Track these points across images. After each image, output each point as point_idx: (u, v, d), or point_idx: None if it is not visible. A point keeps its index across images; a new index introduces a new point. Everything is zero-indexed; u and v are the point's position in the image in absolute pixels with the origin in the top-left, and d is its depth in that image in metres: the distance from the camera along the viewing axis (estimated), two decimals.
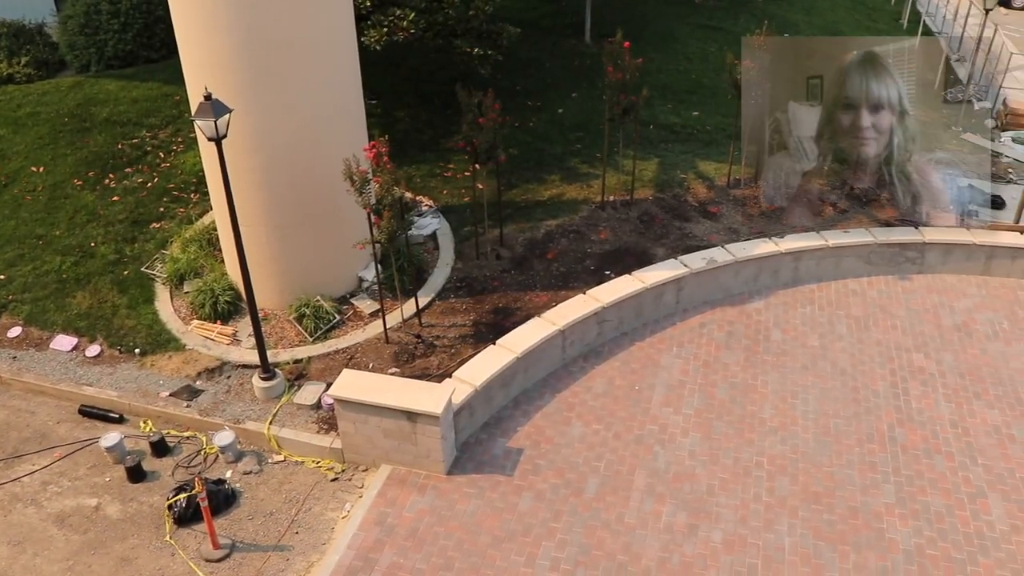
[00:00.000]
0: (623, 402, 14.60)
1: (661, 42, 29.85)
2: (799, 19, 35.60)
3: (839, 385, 15.26)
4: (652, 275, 16.27)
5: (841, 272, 18.16)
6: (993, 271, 18.72)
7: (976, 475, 13.59)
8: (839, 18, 37.23)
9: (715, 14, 34.13)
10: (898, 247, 18.27)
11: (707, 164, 21.62)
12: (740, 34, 27.08)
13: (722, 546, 12.18)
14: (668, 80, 26.74)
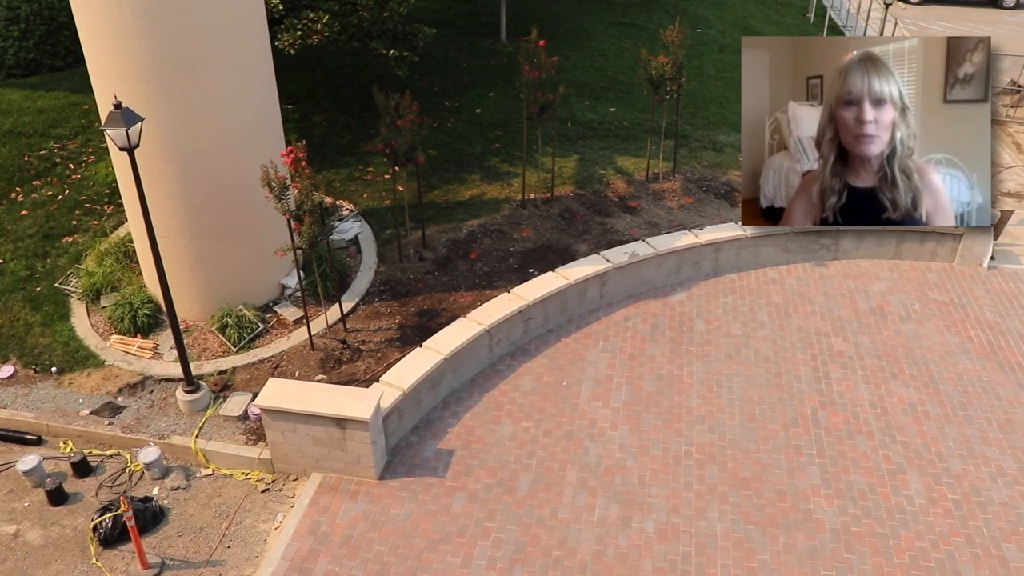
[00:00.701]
0: (552, 398, 14.72)
1: (576, 40, 30.09)
2: (710, 14, 36.22)
3: (763, 372, 15.62)
4: (575, 271, 16.43)
5: (760, 261, 18.58)
6: (903, 255, 19.36)
7: (895, 452, 14.05)
8: (748, 12, 37.97)
9: (628, 11, 34.52)
10: (814, 235, 18.75)
11: (625, 159, 21.90)
12: (654, 30, 27.55)
13: (656, 536, 12.37)
14: (584, 77, 26.99)
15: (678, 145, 21.86)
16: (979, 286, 18.72)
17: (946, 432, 14.54)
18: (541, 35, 17.97)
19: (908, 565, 12.13)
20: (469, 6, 32.31)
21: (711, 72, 29.44)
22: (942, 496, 13.28)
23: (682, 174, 21.39)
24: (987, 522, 12.88)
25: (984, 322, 17.46)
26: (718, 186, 21.19)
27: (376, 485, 13.03)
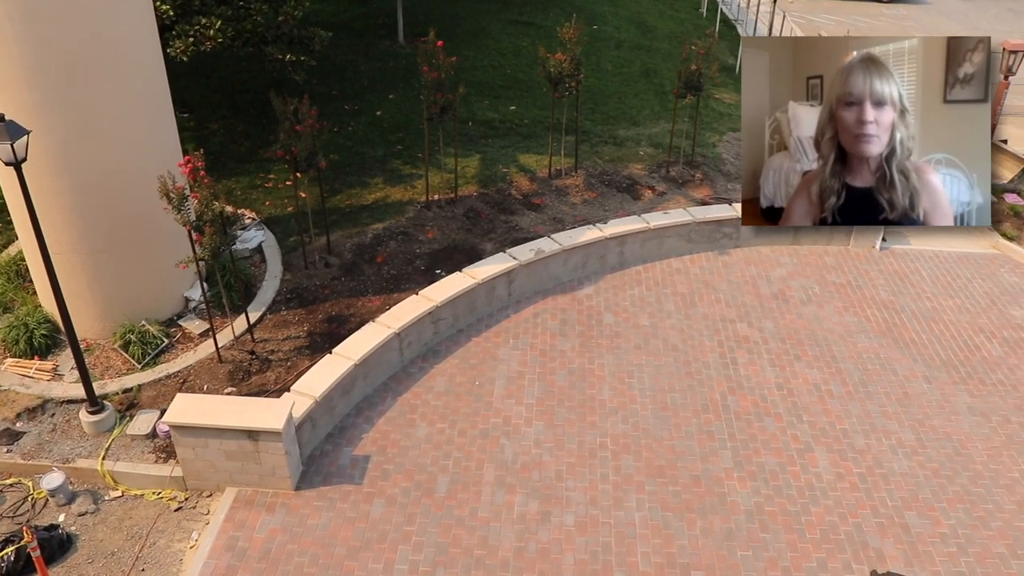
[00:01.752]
0: (465, 398, 14.74)
1: (474, 39, 30.15)
2: (606, 11, 36.66)
3: (672, 361, 15.91)
4: (483, 270, 16.47)
5: (664, 252, 18.92)
6: (801, 240, 19.98)
7: (803, 432, 14.48)
8: (643, 8, 38.55)
9: (525, 9, 34.72)
10: (715, 224, 19.21)
11: (528, 157, 22.04)
12: (551, 28, 27.76)
13: (576, 529, 12.49)
14: (483, 77, 27.06)
15: (579, 141, 22.10)
16: (873, 267, 19.44)
17: (849, 409, 15.05)
18: (439, 35, 17.96)
19: (819, 539, 12.51)
20: (365, 8, 32.08)
21: (609, 68, 29.82)
22: (848, 471, 13.75)
23: (584, 169, 21.63)
24: (890, 492, 13.39)
25: (879, 301, 18.13)
26: (620, 180, 21.49)
27: (292, 496, 12.85)
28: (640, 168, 22.35)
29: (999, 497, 13.45)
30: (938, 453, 14.23)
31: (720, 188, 21.97)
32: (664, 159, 22.80)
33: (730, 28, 37.91)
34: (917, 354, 16.59)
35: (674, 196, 21.09)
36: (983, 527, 12.91)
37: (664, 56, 31.75)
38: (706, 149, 24.14)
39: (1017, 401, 15.52)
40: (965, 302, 18.38)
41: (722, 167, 23.33)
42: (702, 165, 22.94)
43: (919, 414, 15.06)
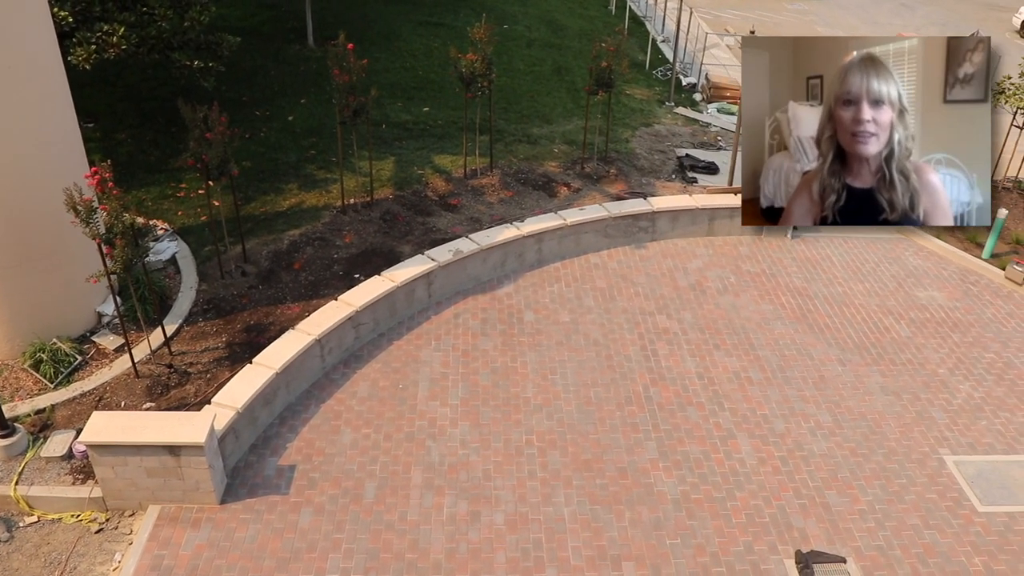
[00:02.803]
0: (389, 402, 14.66)
1: (385, 41, 30.03)
2: (516, 10, 36.86)
3: (594, 355, 16.06)
4: (402, 273, 16.41)
5: (582, 248, 19.10)
6: (716, 231, 20.37)
7: (725, 419, 14.76)
8: (553, 7, 38.86)
9: (435, 10, 34.70)
10: (631, 218, 19.47)
11: (443, 158, 22.03)
12: (461, 28, 27.78)
13: (506, 527, 12.53)
14: (396, 78, 26.97)
15: (493, 140, 22.17)
16: (786, 255, 19.93)
17: (768, 395, 15.40)
18: (349, 38, 17.82)
19: (745, 524, 12.78)
20: (273, 12, 31.68)
21: (520, 67, 29.99)
22: (770, 455, 14.07)
23: (499, 168, 21.71)
24: (811, 473, 13.74)
25: (793, 288, 18.60)
26: (535, 178, 21.62)
27: (218, 510, 12.62)
28: (555, 165, 22.52)
29: (912, 471, 13.93)
30: (854, 433, 14.67)
31: (635, 183, 22.26)
32: (578, 156, 23.02)
33: (639, 25, 38.45)
34: (831, 338, 17.06)
35: (590, 192, 21.31)
36: (898, 501, 13.36)
37: (575, 54, 32.04)
38: (619, 145, 24.44)
39: (925, 379, 16.09)
40: (874, 286, 18.97)
41: (636, 162, 23.65)
42: (616, 161, 23.21)
43: (835, 396, 15.50)
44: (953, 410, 15.36)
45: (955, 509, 13.31)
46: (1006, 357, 16.87)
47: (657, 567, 12.01)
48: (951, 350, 16.97)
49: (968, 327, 17.76)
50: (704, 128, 27.33)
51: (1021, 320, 18.13)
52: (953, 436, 14.76)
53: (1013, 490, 13.73)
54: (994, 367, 16.56)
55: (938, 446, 14.52)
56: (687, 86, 31.20)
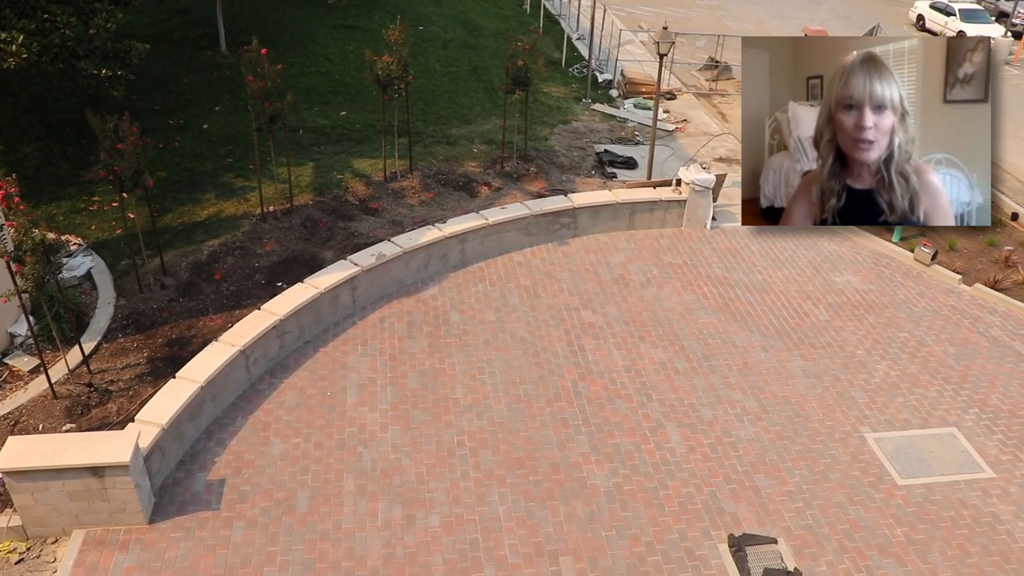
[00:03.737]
0: (318, 410, 14.51)
1: (299, 45, 29.69)
2: (431, 11, 36.79)
3: (521, 353, 16.12)
4: (325, 279, 16.25)
5: (505, 247, 19.16)
6: (637, 225, 20.62)
7: (653, 410, 14.95)
8: (468, 7, 38.89)
9: (349, 13, 34.45)
10: (553, 215, 19.59)
11: (362, 162, 21.89)
12: (376, 31, 27.63)
13: (442, 529, 12.50)
14: (312, 83, 26.70)
15: (412, 142, 22.10)
16: (706, 246, 20.27)
17: (695, 384, 15.65)
18: (263, 43, 17.58)
19: (678, 511, 12.96)
20: (183, 18, 31.08)
21: (437, 68, 29.94)
22: (699, 443, 14.29)
23: (419, 170, 21.65)
24: (739, 459, 14.01)
25: (714, 278, 18.92)
26: (456, 178, 21.62)
27: (147, 530, 12.33)
28: (475, 166, 22.54)
29: (835, 451, 14.31)
30: (779, 416, 14.99)
31: (555, 180, 22.41)
32: (498, 155, 23.08)
33: (554, 23, 38.69)
34: (753, 325, 17.41)
35: (511, 191, 21.39)
36: (824, 480, 13.70)
37: (491, 54, 32.11)
38: (538, 143, 24.58)
39: (844, 360, 16.53)
40: (792, 272, 19.42)
41: (555, 159, 23.81)
42: (536, 159, 23.33)
43: (759, 382, 15.82)
44: (872, 389, 15.82)
45: (877, 484, 13.72)
46: (918, 336, 17.44)
47: (594, 560, 12.12)
48: (867, 331, 17.47)
49: (882, 308, 18.31)
50: (621, 124, 27.63)
51: (931, 300, 18.75)
52: (872, 414, 15.20)
53: (929, 462, 14.22)
54: (908, 346, 17.10)
55: (859, 425, 14.94)
56: (603, 83, 31.50)
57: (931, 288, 19.27)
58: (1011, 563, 12.54)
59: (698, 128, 28.09)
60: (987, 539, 12.91)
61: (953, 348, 17.17)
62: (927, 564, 12.41)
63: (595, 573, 11.93)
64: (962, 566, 12.43)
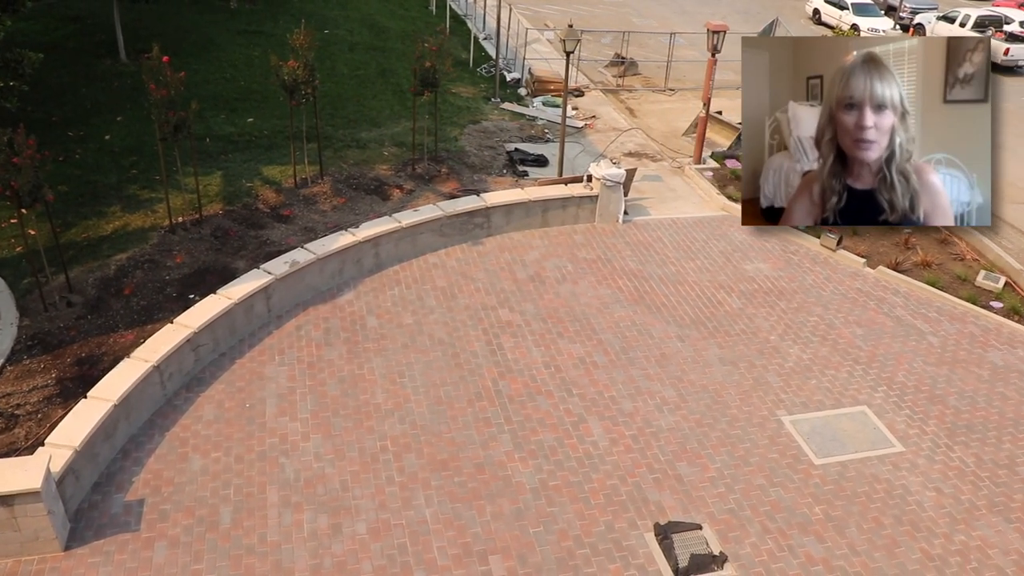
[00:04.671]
0: (237, 423, 14.25)
1: (203, 52, 29.13)
2: (336, 14, 36.45)
3: (440, 355, 16.09)
4: (238, 289, 15.97)
5: (420, 249, 19.09)
6: (550, 222, 20.76)
7: (574, 405, 15.07)
8: (374, 10, 38.65)
9: (253, 18, 33.93)
10: (466, 215, 19.59)
11: (272, 169, 21.57)
12: (281, 35, 27.22)
13: (369, 536, 12.40)
14: (217, 90, 26.21)
15: (322, 147, 21.87)
16: (619, 240, 20.53)
17: (614, 377, 15.83)
18: (164, 51, 17.18)
19: (604, 504, 13.10)
20: (78, 25, 30.21)
21: (344, 71, 29.68)
22: (621, 435, 14.47)
23: (330, 175, 21.45)
24: (661, 448, 14.22)
25: (629, 272, 19.18)
26: (367, 182, 21.47)
27: (63, 558, 11.93)
28: (386, 168, 22.43)
29: (754, 435, 14.64)
30: (698, 404, 15.27)
31: (467, 180, 22.43)
32: (409, 157, 23.00)
33: (460, 23, 38.68)
34: (668, 316, 17.69)
35: (423, 193, 21.33)
36: (744, 464, 14.02)
37: (399, 55, 31.97)
38: (449, 143, 24.57)
39: (758, 346, 16.92)
40: (704, 262, 19.79)
41: (466, 159, 23.83)
42: (447, 159, 23.32)
43: (677, 371, 16.09)
44: (786, 373, 16.23)
45: (795, 465, 14.09)
46: (828, 319, 17.95)
47: (523, 557, 12.17)
48: (779, 317, 17.92)
49: (792, 294, 18.79)
50: (531, 122, 27.79)
51: (838, 284, 19.33)
52: (788, 397, 15.60)
53: (843, 441, 14.67)
54: (818, 329, 17.59)
55: (775, 408, 15.32)
56: (511, 81, 31.63)
57: (838, 272, 19.86)
58: (920, 531, 13.04)
59: (607, 124, 28.41)
60: (899, 510, 13.39)
61: (861, 329, 17.73)
62: (845, 539, 12.80)
63: (525, 570, 11.98)
64: (877, 538, 12.86)
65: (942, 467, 14.32)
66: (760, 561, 12.38)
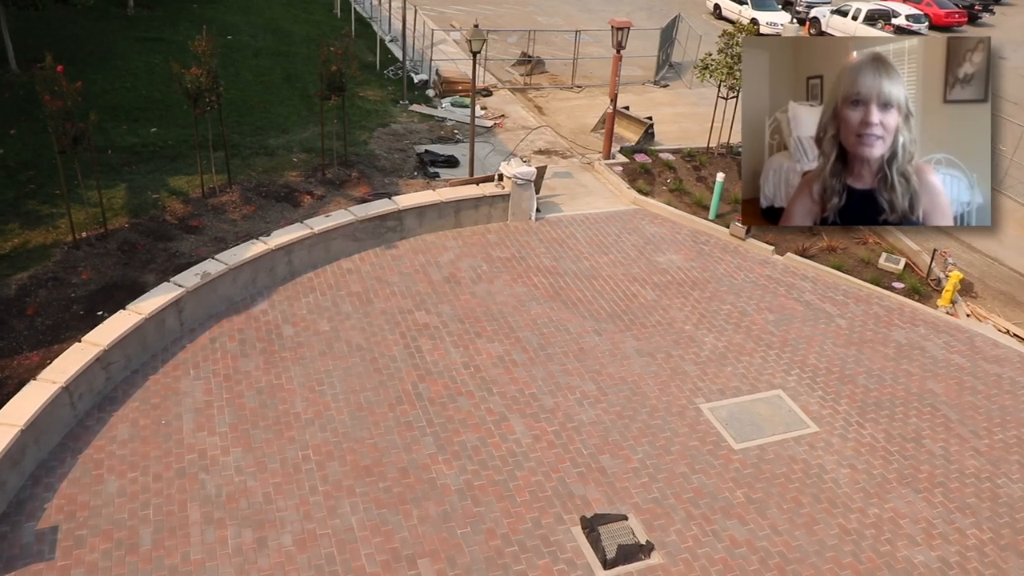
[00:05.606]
0: (154, 441, 13.91)
1: (101, 61, 28.35)
2: (238, 20, 35.87)
3: (359, 360, 15.96)
4: (148, 304, 15.58)
5: (333, 255, 18.91)
6: (463, 222, 20.77)
7: (495, 404, 15.12)
8: (277, 14, 38.14)
9: (152, 25, 33.16)
10: (378, 219, 19.48)
11: (178, 179, 21.11)
12: (182, 42, 26.63)
13: (295, 548, 12.23)
14: (117, 100, 25.53)
15: (229, 156, 21.47)
16: (533, 238, 20.65)
17: (534, 374, 15.92)
18: (58, 60, 16.63)
19: (530, 501, 13.17)
20: None
21: (249, 78, 29.21)
22: (543, 431, 14.56)
23: (239, 184, 21.07)
24: (584, 442, 14.36)
25: (544, 268, 19.30)
26: (277, 189, 21.17)
27: None
28: (296, 175, 22.15)
29: (674, 424, 14.90)
30: (618, 397, 15.47)
31: (378, 183, 22.30)
32: (318, 163, 22.75)
33: (366, 26, 38.42)
34: (585, 311, 17.87)
35: (334, 198, 21.12)
36: (666, 453, 14.25)
37: (304, 60, 31.60)
38: (358, 147, 24.38)
39: (674, 337, 17.21)
40: (618, 256, 20.04)
41: (377, 163, 23.69)
42: (357, 164, 23.14)
43: (596, 365, 16.26)
44: (702, 361, 16.55)
45: (715, 451, 14.38)
46: (740, 307, 18.36)
47: (452, 558, 12.16)
48: (693, 307, 18.25)
49: (705, 284, 19.17)
50: (440, 123, 27.75)
51: (749, 272, 19.78)
52: (705, 385, 15.91)
53: (760, 425, 15.03)
54: (731, 317, 17.99)
55: (693, 397, 15.60)
56: (419, 83, 31.53)
57: (748, 260, 20.32)
58: (838, 507, 13.47)
59: (516, 123, 28.53)
60: (816, 489, 13.78)
61: (772, 315, 18.18)
62: (767, 520, 13.12)
63: (454, 572, 11.98)
64: (797, 517, 13.22)
65: (855, 444, 14.78)
66: (686, 547, 12.61)
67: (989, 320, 19.03)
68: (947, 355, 17.43)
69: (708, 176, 24.53)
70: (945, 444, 15.01)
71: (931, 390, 16.33)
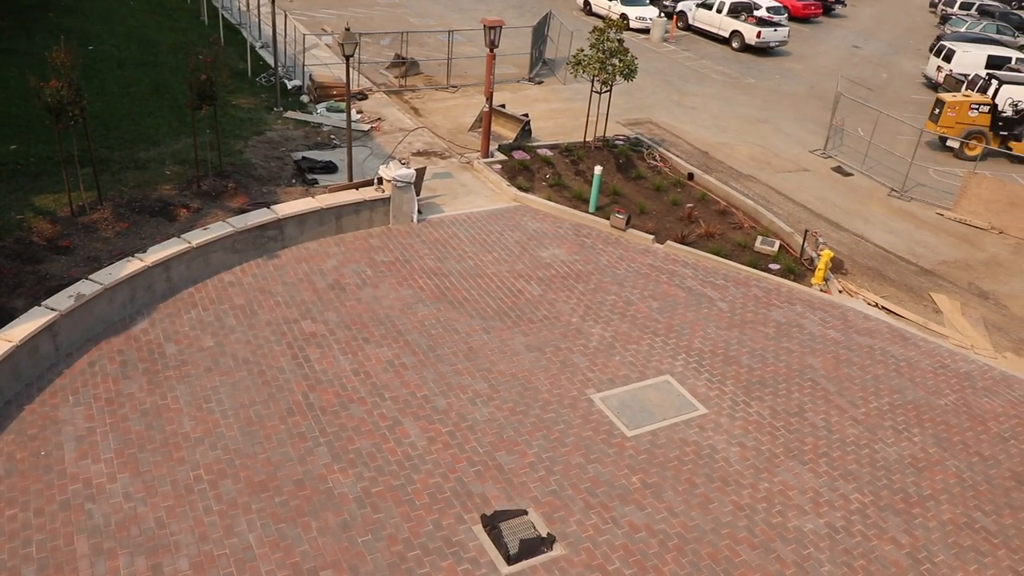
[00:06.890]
0: (33, 474, 13.33)
1: None
2: (100, 29, 34.64)
3: (246, 374, 15.65)
4: (18, 331, 14.92)
5: (213, 268, 18.47)
6: (344, 228, 20.58)
7: (388, 408, 15.05)
8: (141, 23, 36.98)
9: (3, 36, 31.65)
10: (258, 229, 19.12)
11: (43, 198, 20.26)
12: (39, 54, 25.57)
13: (192, 571, 11.91)
14: None
15: (98, 171, 20.72)
16: (416, 240, 20.60)
17: (425, 376, 15.91)
18: None
19: (429, 503, 13.17)
20: None
21: (115, 90, 28.23)
22: (438, 432, 14.57)
23: (110, 200, 20.37)
24: (479, 440, 14.44)
25: (428, 270, 19.29)
26: (151, 204, 20.55)
27: None
28: (170, 188, 21.54)
29: (567, 416, 15.12)
30: (510, 393, 15.60)
31: (256, 193, 21.89)
32: (193, 174, 22.18)
33: (235, 33, 37.56)
34: (472, 310, 17.95)
35: (211, 210, 20.64)
36: (560, 445, 14.45)
37: (172, 70, 30.74)
38: (233, 157, 23.88)
39: (562, 330, 17.45)
40: (501, 254, 20.18)
41: (253, 172, 23.24)
42: (233, 174, 22.66)
43: (486, 363, 16.35)
44: (591, 353, 16.84)
45: (609, 440, 14.66)
46: (625, 296, 18.75)
47: (355, 568, 12.06)
48: (579, 299, 18.54)
49: (589, 276, 19.49)
50: (316, 129, 27.40)
51: (631, 262, 20.21)
52: (595, 376, 16.19)
53: (651, 410, 15.39)
54: (617, 307, 18.35)
55: (584, 388, 15.86)
56: (293, 89, 31.04)
57: (629, 251, 20.75)
58: (730, 484, 13.93)
59: (393, 125, 28.39)
60: (709, 468, 14.21)
61: (656, 303, 18.62)
62: (663, 503, 13.46)
63: None
64: (692, 497, 13.61)
65: (743, 423, 15.30)
66: (587, 536, 12.82)
67: (859, 295, 19.95)
68: (823, 331, 18.19)
69: (586, 170, 24.93)
70: (826, 416, 15.68)
71: (810, 365, 17.02)
